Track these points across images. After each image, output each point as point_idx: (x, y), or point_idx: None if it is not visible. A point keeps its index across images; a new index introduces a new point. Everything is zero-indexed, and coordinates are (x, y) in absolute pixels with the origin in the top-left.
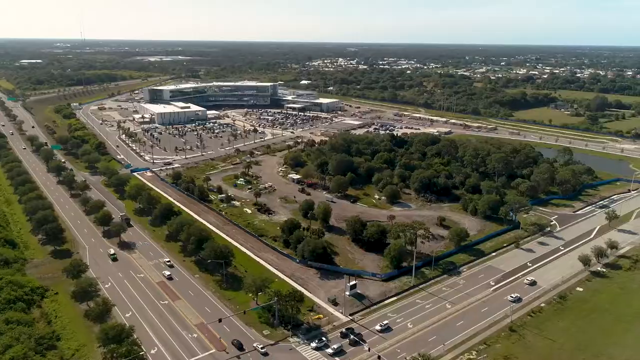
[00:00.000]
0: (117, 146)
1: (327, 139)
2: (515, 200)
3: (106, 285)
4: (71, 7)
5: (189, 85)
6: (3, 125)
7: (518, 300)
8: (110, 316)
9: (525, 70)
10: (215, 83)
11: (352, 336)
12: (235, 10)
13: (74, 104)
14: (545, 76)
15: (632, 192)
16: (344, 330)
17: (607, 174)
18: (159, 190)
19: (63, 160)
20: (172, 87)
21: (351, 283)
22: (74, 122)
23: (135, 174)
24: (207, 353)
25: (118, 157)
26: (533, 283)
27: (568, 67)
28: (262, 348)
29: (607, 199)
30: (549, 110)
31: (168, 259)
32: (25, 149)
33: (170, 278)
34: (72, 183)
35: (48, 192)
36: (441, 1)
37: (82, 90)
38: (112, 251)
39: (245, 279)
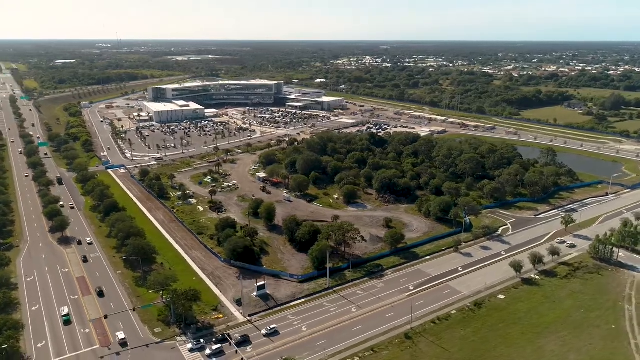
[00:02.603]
0: (109, 148)
1: (308, 137)
2: (464, 202)
3: (28, 279)
4: (116, 9)
5: (194, 84)
6: (9, 130)
7: (573, 246)
8: (17, 309)
9: (555, 68)
10: (220, 82)
11: (231, 341)
12: (273, 9)
13: (84, 103)
14: (573, 74)
15: (610, 195)
16: (219, 336)
17: (590, 176)
18: (123, 187)
19: (49, 156)
20: (176, 85)
21: (259, 284)
22: (72, 120)
23: (109, 170)
24: (89, 348)
25: (101, 154)
26: (572, 246)
27: (604, 64)
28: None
29: (579, 203)
30: (562, 109)
31: (98, 254)
32: (13, 141)
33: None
34: (39, 179)
35: (20, 186)
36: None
37: (99, 89)
38: (65, 311)
39: (150, 276)
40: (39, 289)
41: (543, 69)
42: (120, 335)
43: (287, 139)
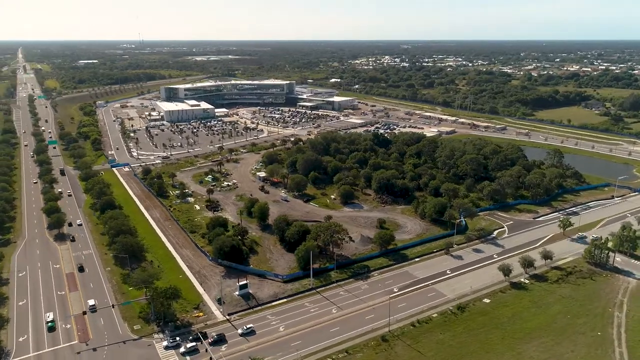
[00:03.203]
0: (117, 147)
1: (313, 137)
2: (459, 204)
3: (20, 274)
4: (141, 10)
5: (207, 83)
6: (24, 132)
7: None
8: (4, 304)
9: (577, 67)
10: (233, 82)
11: (205, 339)
12: (295, 9)
13: (99, 102)
14: (595, 73)
15: (616, 198)
16: (196, 334)
17: (598, 178)
18: (125, 185)
19: (59, 154)
20: (189, 85)
21: (241, 283)
22: (85, 119)
23: (114, 169)
24: (67, 344)
25: (109, 152)
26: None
27: (629, 63)
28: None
29: (582, 206)
30: (578, 110)
31: (90, 251)
32: (27, 145)
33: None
34: (44, 176)
35: (25, 184)
36: None
37: (116, 89)
38: (50, 317)
39: (132, 274)
40: (28, 284)
41: (565, 68)
42: (91, 302)
43: (292, 139)
